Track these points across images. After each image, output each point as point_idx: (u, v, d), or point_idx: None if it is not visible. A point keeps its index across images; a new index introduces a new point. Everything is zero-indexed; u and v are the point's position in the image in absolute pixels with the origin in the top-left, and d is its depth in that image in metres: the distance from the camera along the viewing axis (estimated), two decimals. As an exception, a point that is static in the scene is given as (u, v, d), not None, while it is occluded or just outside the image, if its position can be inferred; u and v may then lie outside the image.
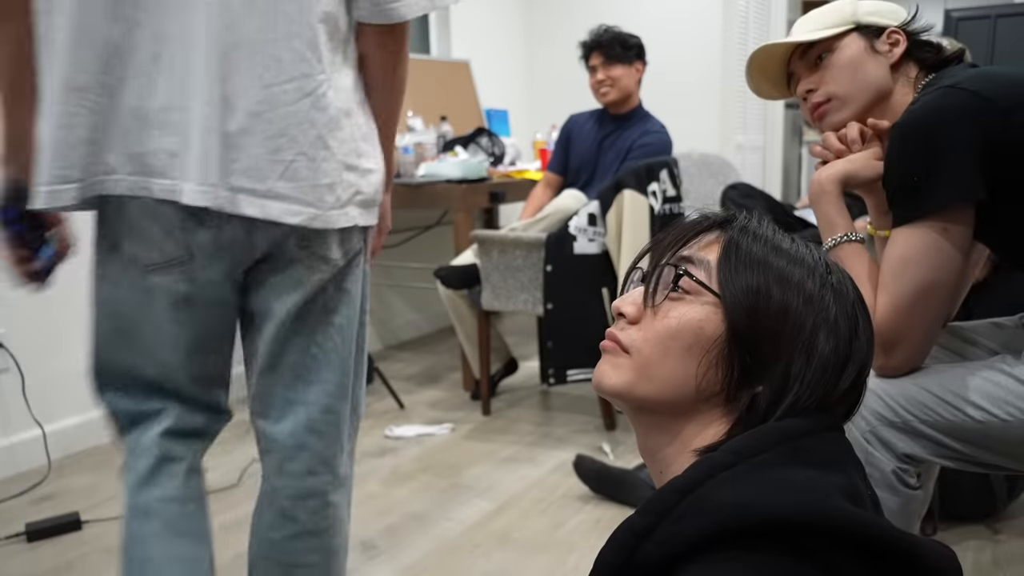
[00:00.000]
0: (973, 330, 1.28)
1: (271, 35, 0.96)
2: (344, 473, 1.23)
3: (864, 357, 0.65)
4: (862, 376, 0.65)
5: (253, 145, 0.98)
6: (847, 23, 1.20)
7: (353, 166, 1.06)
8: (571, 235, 2.38)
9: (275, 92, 0.97)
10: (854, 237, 1.15)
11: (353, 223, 1.08)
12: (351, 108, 1.05)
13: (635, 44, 2.68)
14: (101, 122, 0.97)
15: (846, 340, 0.64)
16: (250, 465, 2.27)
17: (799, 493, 0.54)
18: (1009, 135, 1.01)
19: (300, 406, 1.16)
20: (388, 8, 1.03)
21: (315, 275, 1.09)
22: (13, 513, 2.00)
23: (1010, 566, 1.64)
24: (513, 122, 4.26)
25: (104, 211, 1.12)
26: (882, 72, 1.18)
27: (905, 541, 0.54)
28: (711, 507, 0.54)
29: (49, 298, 2.33)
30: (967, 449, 1.07)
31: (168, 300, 1.07)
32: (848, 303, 0.65)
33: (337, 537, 1.23)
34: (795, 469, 0.56)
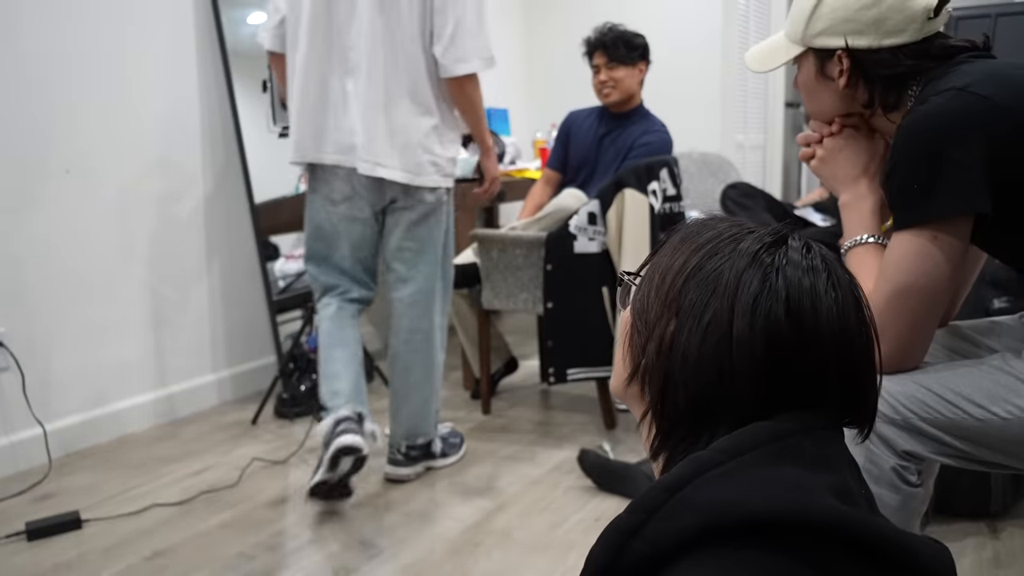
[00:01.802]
0: (974, 329, 1.28)
1: (400, 89, 1.96)
2: (437, 322, 2.14)
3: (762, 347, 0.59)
4: (800, 367, 0.60)
5: (382, 140, 1.95)
6: (799, 43, 1.18)
7: (430, 151, 1.99)
8: (571, 234, 2.38)
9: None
10: (870, 240, 1.15)
11: (432, 183, 2.01)
12: (433, 122, 2.00)
13: (639, 44, 2.66)
14: (319, 128, 1.99)
15: (718, 334, 0.60)
16: (249, 465, 2.27)
17: (785, 491, 0.53)
18: (1021, 144, 0.99)
19: (411, 282, 2.10)
20: (447, 67, 1.97)
21: (414, 211, 2.04)
22: (13, 512, 2.00)
23: (1010, 564, 1.64)
24: (513, 121, 4.26)
25: (315, 171, 2.07)
26: (833, 98, 1.18)
27: (897, 539, 0.54)
28: (698, 505, 0.53)
29: (49, 298, 2.33)
30: (967, 447, 1.07)
31: (341, 217, 2.06)
32: (729, 294, 0.60)
33: (432, 355, 2.15)
34: (782, 468, 0.56)
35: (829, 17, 1.12)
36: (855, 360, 0.62)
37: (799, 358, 0.59)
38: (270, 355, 3.01)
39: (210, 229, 2.78)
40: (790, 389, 0.60)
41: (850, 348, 0.61)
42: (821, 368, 0.60)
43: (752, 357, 0.59)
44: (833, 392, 0.61)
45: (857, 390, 0.63)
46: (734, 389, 0.59)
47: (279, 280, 2.99)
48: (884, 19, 1.09)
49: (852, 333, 0.61)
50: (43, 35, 2.26)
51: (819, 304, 0.60)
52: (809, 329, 0.59)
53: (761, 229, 0.65)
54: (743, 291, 0.60)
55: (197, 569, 1.73)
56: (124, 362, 2.54)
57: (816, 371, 0.60)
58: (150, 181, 2.58)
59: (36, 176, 2.27)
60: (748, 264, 0.61)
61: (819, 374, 0.60)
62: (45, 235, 2.30)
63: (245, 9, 2.91)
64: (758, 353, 0.59)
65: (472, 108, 2.05)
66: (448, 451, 2.29)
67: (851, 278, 0.63)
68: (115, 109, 2.46)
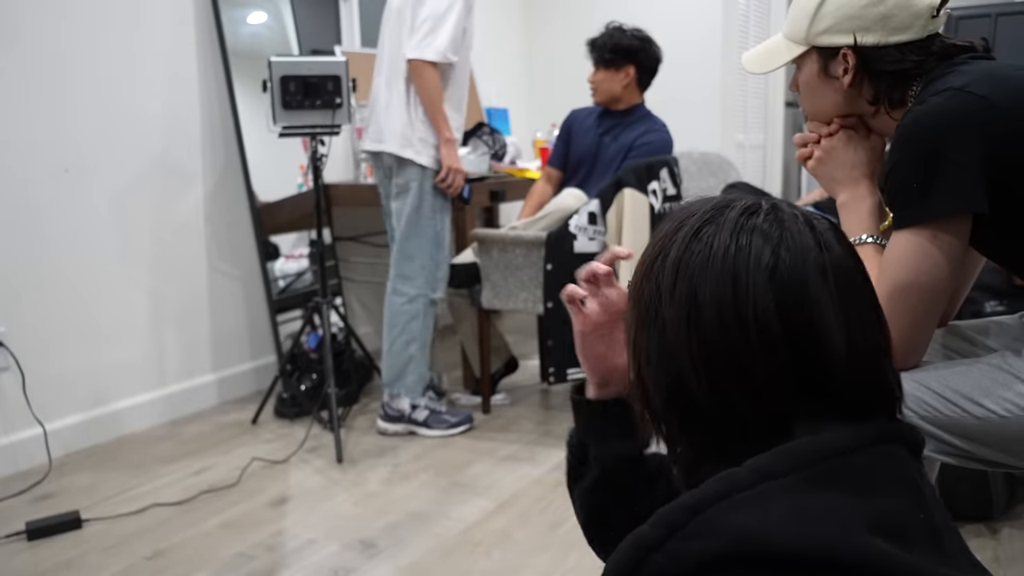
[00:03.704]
0: (973, 328, 1.28)
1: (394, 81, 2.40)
2: (412, 293, 2.44)
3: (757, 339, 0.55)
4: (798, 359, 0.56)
5: (379, 121, 2.42)
6: (802, 42, 1.17)
7: (417, 138, 2.37)
8: (571, 234, 2.38)
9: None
10: (869, 240, 1.15)
11: (409, 156, 2.37)
12: (408, 110, 2.37)
13: (626, 48, 2.60)
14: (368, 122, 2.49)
15: (677, 327, 0.57)
16: (249, 464, 2.27)
17: (815, 524, 0.50)
18: (1018, 143, 1.00)
19: (396, 244, 2.47)
20: (407, 51, 2.31)
21: (400, 179, 2.43)
22: (13, 512, 2.01)
23: (1011, 565, 1.64)
24: (513, 121, 4.26)
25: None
26: (835, 98, 1.17)
27: None
28: (720, 530, 0.51)
29: (49, 297, 2.33)
30: (966, 445, 1.07)
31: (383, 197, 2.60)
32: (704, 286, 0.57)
33: (407, 321, 2.45)
34: (819, 495, 0.52)
35: (834, 15, 1.12)
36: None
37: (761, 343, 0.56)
38: (270, 355, 3.01)
39: (210, 229, 2.78)
40: (757, 374, 0.56)
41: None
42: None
43: (692, 339, 0.57)
44: (839, 374, 0.56)
45: (863, 367, 0.58)
46: (695, 378, 0.57)
47: (279, 280, 2.99)
48: (890, 16, 1.09)
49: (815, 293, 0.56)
50: (43, 35, 2.26)
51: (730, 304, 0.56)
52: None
53: (702, 212, 0.61)
54: (680, 278, 0.58)
55: (197, 569, 1.73)
56: (124, 362, 2.54)
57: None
58: (150, 181, 2.58)
59: (36, 176, 2.28)
60: (683, 249, 0.59)
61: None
62: (45, 235, 2.30)
63: (245, 9, 2.91)
64: (702, 334, 0.57)
65: (425, 93, 2.32)
66: (433, 424, 2.49)
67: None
68: (115, 109, 2.46)
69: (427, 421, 2.48)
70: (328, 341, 2.48)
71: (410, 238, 2.43)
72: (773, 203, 0.60)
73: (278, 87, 2.33)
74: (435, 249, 2.44)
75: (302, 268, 3.08)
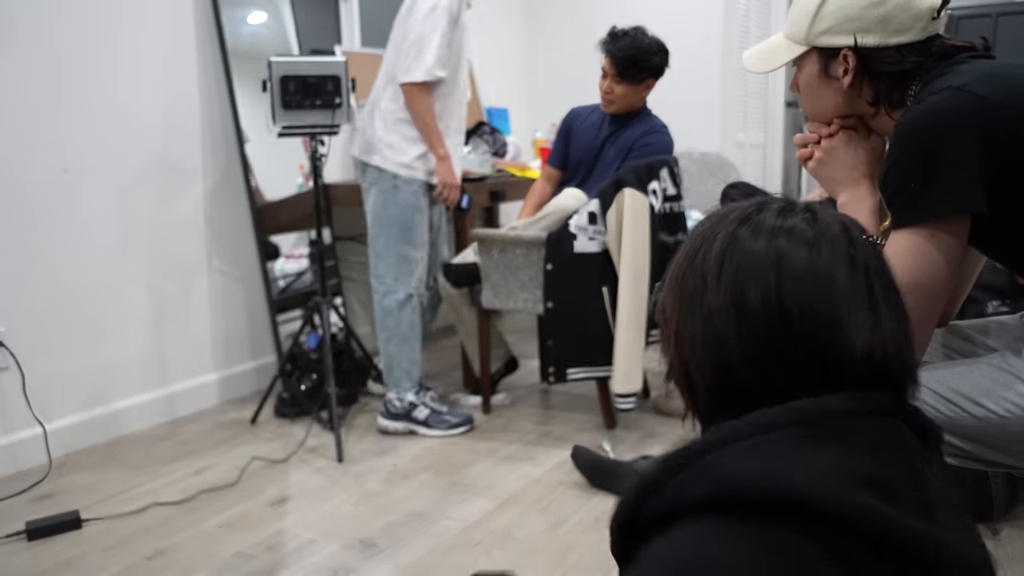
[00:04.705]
0: (973, 328, 1.28)
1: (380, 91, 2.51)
2: (383, 290, 2.53)
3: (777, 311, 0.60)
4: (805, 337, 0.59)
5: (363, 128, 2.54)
6: (802, 43, 1.17)
7: (384, 144, 2.47)
8: (571, 234, 2.38)
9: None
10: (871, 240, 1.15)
11: (376, 163, 2.47)
12: (382, 119, 2.49)
13: (651, 65, 2.55)
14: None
15: (707, 313, 0.62)
16: (249, 464, 2.27)
17: (803, 474, 0.54)
18: (1017, 143, 1.00)
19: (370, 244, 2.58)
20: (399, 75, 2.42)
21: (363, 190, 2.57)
22: (13, 511, 2.01)
23: (1011, 566, 1.64)
24: (513, 120, 4.26)
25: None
26: (836, 98, 1.17)
27: (924, 538, 0.53)
28: (716, 474, 0.55)
29: (49, 297, 2.33)
30: (966, 445, 1.07)
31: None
32: (708, 264, 0.63)
33: (384, 317, 2.54)
34: (811, 449, 0.55)
35: (834, 16, 1.12)
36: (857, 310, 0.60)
37: (786, 322, 0.59)
38: (270, 355, 3.01)
39: (210, 229, 2.78)
40: (797, 359, 0.60)
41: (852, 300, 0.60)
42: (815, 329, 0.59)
43: (741, 327, 0.61)
44: (850, 356, 0.59)
45: (880, 350, 0.60)
46: (741, 362, 0.61)
47: (279, 280, 2.99)
48: (891, 17, 1.09)
49: (843, 284, 0.60)
50: (42, 35, 2.26)
51: (795, 263, 0.60)
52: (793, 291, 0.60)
53: (742, 209, 0.65)
54: (726, 269, 0.62)
55: (197, 569, 1.73)
56: (124, 362, 2.54)
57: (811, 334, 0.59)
58: (150, 181, 2.58)
59: (35, 176, 2.28)
60: (728, 243, 0.63)
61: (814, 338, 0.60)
62: (45, 235, 2.30)
63: (245, 9, 2.91)
64: (748, 322, 0.60)
65: (418, 115, 2.42)
66: (433, 423, 2.51)
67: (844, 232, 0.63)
68: (115, 109, 2.46)
69: (428, 420, 2.49)
70: (328, 341, 2.48)
71: (377, 237, 2.51)
72: (808, 204, 0.65)
73: (278, 87, 2.33)
74: (404, 245, 2.49)
75: (302, 268, 3.08)
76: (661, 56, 2.58)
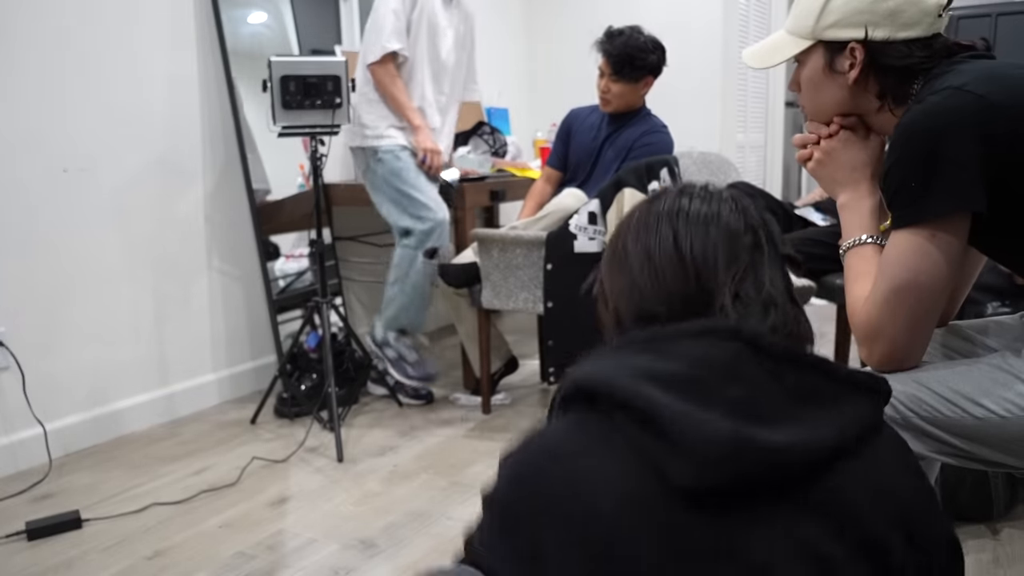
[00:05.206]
0: (973, 328, 1.28)
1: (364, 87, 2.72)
2: (403, 242, 2.69)
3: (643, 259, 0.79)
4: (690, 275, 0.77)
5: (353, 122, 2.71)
6: (808, 37, 1.17)
7: (362, 124, 2.69)
8: (571, 233, 2.38)
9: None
10: (869, 240, 1.15)
11: (357, 143, 2.72)
12: (364, 107, 2.70)
13: (647, 63, 2.57)
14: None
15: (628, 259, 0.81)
16: (249, 464, 2.27)
17: (611, 370, 0.70)
18: (1017, 143, 1.00)
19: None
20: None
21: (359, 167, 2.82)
22: (13, 511, 2.01)
23: (1011, 566, 1.64)
24: (513, 121, 4.26)
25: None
26: (840, 94, 1.17)
27: (710, 428, 0.64)
28: (573, 375, 0.73)
29: (49, 297, 2.33)
30: (966, 445, 1.07)
31: None
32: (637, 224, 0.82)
33: (396, 263, 2.72)
34: (636, 356, 0.70)
35: (842, 9, 1.12)
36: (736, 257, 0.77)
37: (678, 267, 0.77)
38: (270, 355, 3.01)
39: (210, 229, 2.78)
40: (689, 294, 0.77)
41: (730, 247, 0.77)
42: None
43: (650, 270, 0.79)
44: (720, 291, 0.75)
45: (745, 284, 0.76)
46: (652, 297, 0.78)
47: (279, 280, 2.99)
48: (900, 11, 1.09)
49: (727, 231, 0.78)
50: (42, 34, 2.26)
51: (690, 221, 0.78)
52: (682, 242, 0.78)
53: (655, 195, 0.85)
54: (640, 232, 0.82)
55: (197, 569, 1.73)
56: (124, 362, 2.54)
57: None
58: (150, 181, 2.58)
59: (35, 175, 2.28)
60: (640, 214, 0.84)
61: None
62: (45, 235, 2.30)
63: (245, 9, 2.91)
64: (654, 265, 0.79)
65: (384, 91, 2.64)
66: (396, 368, 2.71)
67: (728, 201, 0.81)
68: (115, 108, 2.46)
69: (392, 361, 2.70)
70: (328, 341, 2.48)
71: (381, 205, 2.74)
72: (705, 185, 0.83)
73: (278, 87, 2.33)
74: (402, 199, 2.66)
75: (302, 268, 3.08)
76: (658, 54, 2.60)
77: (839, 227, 1.21)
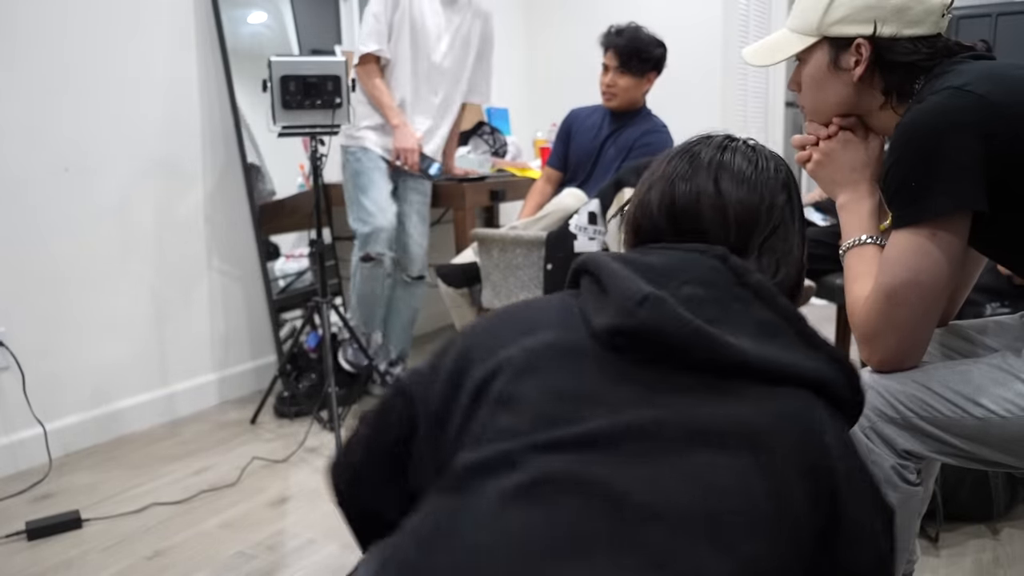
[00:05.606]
0: (973, 328, 1.28)
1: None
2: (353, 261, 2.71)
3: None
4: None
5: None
6: (813, 34, 1.16)
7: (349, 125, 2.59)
8: (571, 233, 2.38)
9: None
10: (869, 240, 1.15)
11: (342, 143, 2.75)
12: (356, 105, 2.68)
13: (653, 56, 2.61)
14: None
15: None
16: (249, 464, 2.27)
17: (591, 258, 0.80)
18: (1017, 143, 1.00)
19: None
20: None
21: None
22: (13, 511, 2.01)
23: (1011, 566, 1.64)
24: (513, 121, 4.25)
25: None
26: (844, 92, 1.17)
27: (664, 308, 0.70)
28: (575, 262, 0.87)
29: (49, 297, 2.33)
30: (966, 445, 1.07)
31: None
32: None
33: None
34: (621, 255, 0.80)
35: (849, 5, 1.12)
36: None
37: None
38: (270, 355, 3.01)
39: (210, 229, 2.78)
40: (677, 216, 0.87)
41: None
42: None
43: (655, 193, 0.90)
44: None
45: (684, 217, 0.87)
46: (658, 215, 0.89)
47: (279, 280, 2.99)
48: (907, 8, 1.09)
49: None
50: (42, 34, 2.26)
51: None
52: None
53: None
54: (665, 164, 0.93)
55: (197, 569, 1.73)
56: (124, 362, 2.54)
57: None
58: (150, 181, 2.58)
59: (36, 175, 2.28)
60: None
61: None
62: (45, 234, 2.30)
63: (245, 9, 2.91)
64: (660, 190, 0.90)
65: (366, 91, 2.70)
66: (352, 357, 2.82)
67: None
68: (115, 108, 2.46)
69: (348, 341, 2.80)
70: (328, 341, 2.48)
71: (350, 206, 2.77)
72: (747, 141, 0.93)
73: (278, 87, 2.33)
74: (353, 201, 2.70)
75: (302, 268, 3.08)
76: (662, 50, 2.65)
77: (839, 227, 1.21)
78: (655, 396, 0.66)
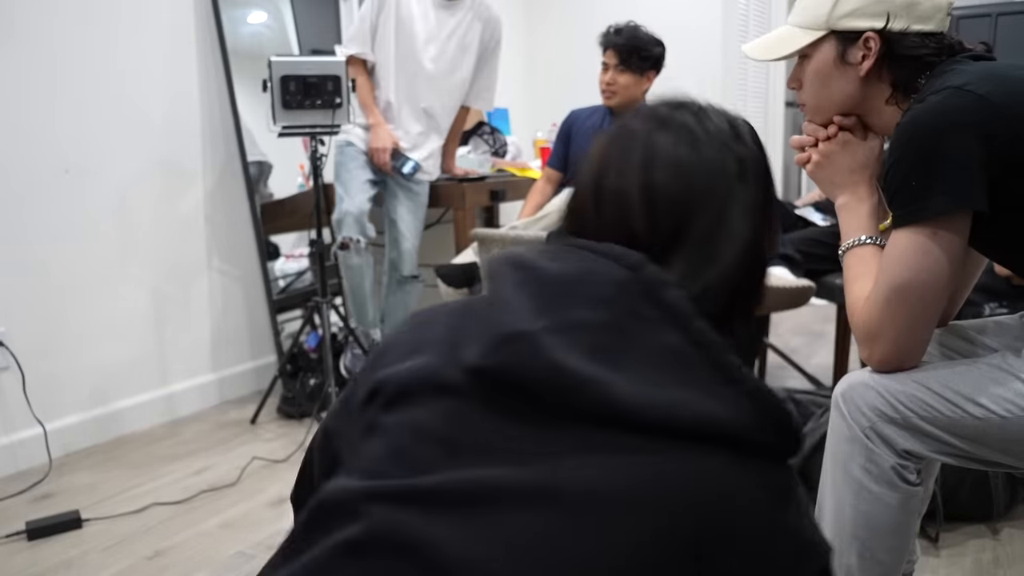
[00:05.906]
0: (973, 328, 1.28)
1: None
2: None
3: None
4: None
5: None
6: (820, 27, 1.16)
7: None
8: (571, 234, 2.37)
9: None
10: (868, 241, 1.15)
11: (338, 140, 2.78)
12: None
13: (653, 55, 2.63)
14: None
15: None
16: (249, 464, 2.27)
17: (501, 258, 0.74)
18: (1017, 143, 1.00)
19: None
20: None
21: None
22: (13, 511, 2.01)
23: (1011, 566, 1.64)
24: (513, 121, 4.25)
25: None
26: (850, 87, 1.16)
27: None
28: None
29: (49, 297, 2.33)
30: (966, 445, 1.07)
31: None
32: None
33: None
34: (542, 250, 0.72)
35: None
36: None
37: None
38: (270, 355, 3.01)
39: (210, 229, 2.78)
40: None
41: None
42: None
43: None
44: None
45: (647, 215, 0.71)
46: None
47: (279, 280, 2.99)
48: (916, 4, 1.10)
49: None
50: (42, 34, 2.26)
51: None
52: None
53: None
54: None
55: (197, 569, 1.73)
56: (124, 362, 2.54)
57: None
58: (150, 181, 2.58)
59: (36, 176, 2.28)
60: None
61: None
62: (45, 235, 2.30)
63: (245, 9, 2.91)
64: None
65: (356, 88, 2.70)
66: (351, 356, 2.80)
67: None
68: (115, 109, 2.46)
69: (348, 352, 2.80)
70: (328, 341, 2.48)
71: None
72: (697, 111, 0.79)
73: (278, 87, 2.33)
74: (336, 190, 2.72)
75: (302, 268, 3.08)
76: (660, 48, 2.66)
77: (839, 227, 1.21)
78: (518, 445, 0.59)
